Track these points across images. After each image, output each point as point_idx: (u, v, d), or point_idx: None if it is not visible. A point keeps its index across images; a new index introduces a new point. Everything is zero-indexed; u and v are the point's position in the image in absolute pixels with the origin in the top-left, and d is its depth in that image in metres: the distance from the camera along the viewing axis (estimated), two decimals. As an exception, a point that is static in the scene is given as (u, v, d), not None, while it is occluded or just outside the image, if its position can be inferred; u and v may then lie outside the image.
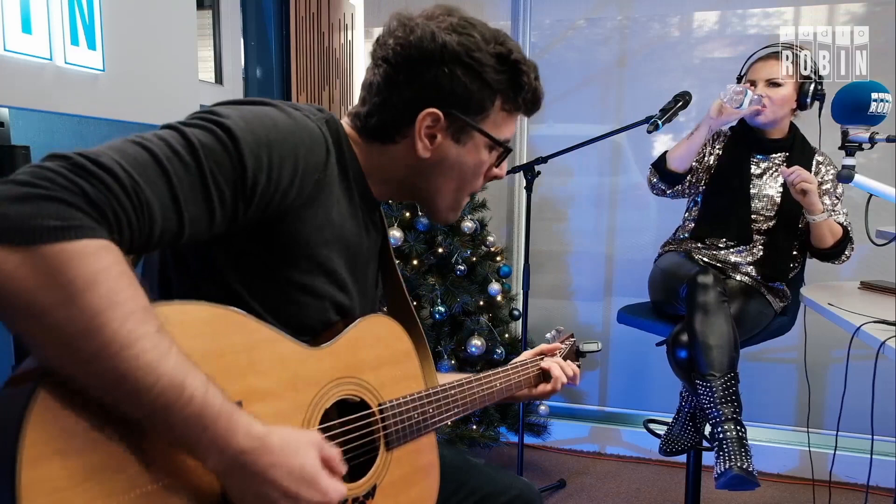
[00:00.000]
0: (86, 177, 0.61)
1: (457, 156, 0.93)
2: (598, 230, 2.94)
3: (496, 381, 1.14)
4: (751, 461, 1.65)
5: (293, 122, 0.81)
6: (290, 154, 0.78)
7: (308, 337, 0.87)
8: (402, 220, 2.43)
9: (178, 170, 0.68)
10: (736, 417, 1.70)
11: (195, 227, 0.71)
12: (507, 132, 0.95)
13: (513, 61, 0.90)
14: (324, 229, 0.85)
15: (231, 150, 0.72)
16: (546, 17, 2.92)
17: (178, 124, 0.73)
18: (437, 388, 1.02)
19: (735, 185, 2.02)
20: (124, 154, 0.65)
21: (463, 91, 0.88)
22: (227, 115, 0.75)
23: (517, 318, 2.59)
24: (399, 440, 0.93)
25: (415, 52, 0.87)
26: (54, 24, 1.50)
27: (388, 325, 0.99)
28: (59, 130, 1.62)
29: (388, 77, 0.89)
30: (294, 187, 0.79)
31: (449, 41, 0.86)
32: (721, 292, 1.78)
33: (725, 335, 1.74)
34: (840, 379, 1.58)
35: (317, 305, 0.88)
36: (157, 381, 0.61)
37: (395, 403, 0.94)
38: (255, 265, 0.82)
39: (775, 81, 1.95)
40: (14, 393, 0.60)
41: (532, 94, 0.94)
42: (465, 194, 0.98)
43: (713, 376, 1.72)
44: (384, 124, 0.91)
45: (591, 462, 2.78)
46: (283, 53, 2.63)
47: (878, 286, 1.80)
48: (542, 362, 1.25)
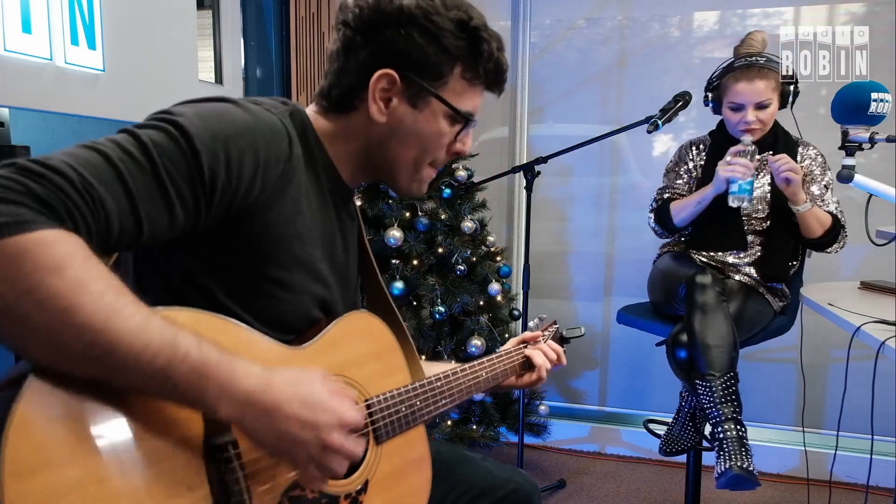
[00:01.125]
0: (33, 177, 0.61)
1: (413, 122, 0.91)
2: (598, 230, 2.94)
3: (481, 371, 1.14)
4: (751, 461, 1.65)
5: (251, 117, 0.80)
6: (248, 147, 0.77)
7: (292, 336, 0.87)
8: (402, 221, 2.43)
9: (132, 169, 0.68)
10: (736, 417, 1.70)
11: (154, 225, 0.70)
12: (468, 103, 0.93)
13: (473, 27, 0.89)
14: (294, 222, 0.85)
15: (185, 147, 0.72)
16: (546, 17, 2.92)
17: (131, 127, 0.72)
18: (424, 380, 1.01)
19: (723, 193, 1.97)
20: (75, 157, 0.65)
21: (419, 54, 0.87)
22: (181, 113, 0.74)
23: (517, 318, 2.59)
24: (388, 434, 0.93)
25: (372, 13, 0.87)
26: (54, 24, 1.50)
27: (369, 320, 0.99)
28: (59, 130, 1.62)
29: (347, 41, 0.89)
30: (258, 181, 0.78)
31: (407, 3, 0.86)
32: (720, 292, 1.78)
33: (724, 335, 1.73)
34: (840, 379, 1.58)
35: (296, 301, 0.87)
36: (149, 343, 0.62)
37: (382, 398, 0.93)
38: (227, 264, 0.81)
39: (763, 104, 1.90)
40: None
41: (494, 64, 0.92)
42: (425, 164, 0.95)
43: (713, 376, 1.71)
44: (343, 92, 0.90)
45: (591, 462, 2.78)
46: (283, 53, 2.63)
47: (878, 286, 1.80)
48: (525, 350, 1.25)
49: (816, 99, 2.59)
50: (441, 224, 2.45)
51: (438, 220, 2.45)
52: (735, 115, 1.94)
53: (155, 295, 0.83)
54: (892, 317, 1.39)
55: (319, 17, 2.72)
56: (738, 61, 1.93)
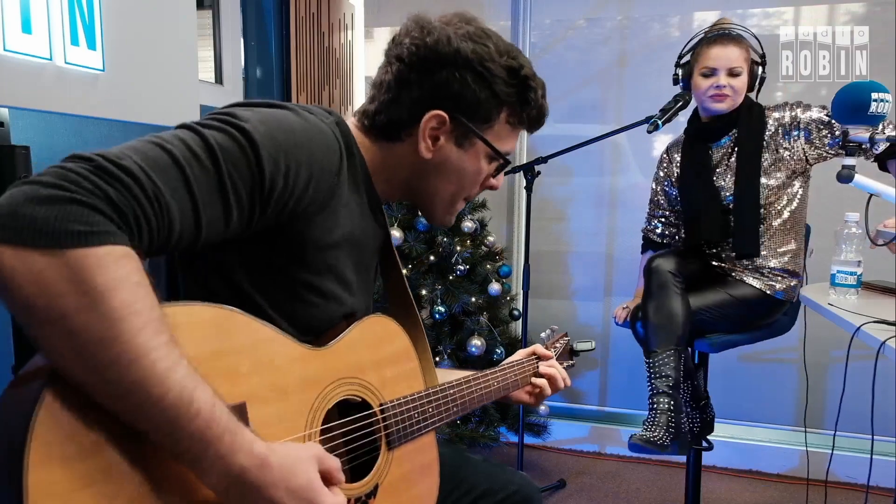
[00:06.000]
0: (109, 180, 0.61)
1: (458, 160, 0.94)
2: (598, 230, 2.94)
3: (493, 381, 1.15)
4: (662, 433, 1.79)
5: (310, 127, 0.81)
6: (306, 159, 0.78)
7: (311, 336, 0.87)
8: (402, 221, 2.43)
9: (197, 173, 0.68)
10: (667, 391, 1.82)
11: (211, 229, 0.71)
12: (508, 145, 0.97)
13: (523, 76, 0.92)
14: (334, 231, 0.86)
15: (249, 154, 0.72)
16: (546, 17, 2.92)
17: (195, 125, 0.73)
18: (437, 387, 1.02)
19: (700, 186, 2.02)
20: (145, 157, 0.65)
21: (471, 97, 0.90)
22: (245, 118, 0.75)
23: (517, 318, 2.59)
24: (400, 439, 0.94)
25: (429, 53, 0.89)
26: (54, 24, 1.50)
27: (388, 325, 1.00)
28: (59, 130, 1.62)
29: (400, 75, 0.90)
30: (309, 192, 0.79)
31: (463, 47, 0.88)
32: (672, 273, 1.86)
33: (671, 314, 1.84)
34: (840, 379, 1.58)
35: (326, 307, 0.88)
36: (166, 394, 0.61)
37: (395, 403, 0.94)
38: (264, 265, 0.82)
39: (735, 70, 1.91)
40: (21, 393, 0.59)
41: (537, 111, 0.97)
42: (461, 199, 1.00)
43: (655, 353, 1.86)
44: (391, 122, 0.92)
45: (591, 462, 2.78)
46: (283, 53, 2.63)
47: (878, 286, 1.80)
48: (540, 367, 1.26)
49: (816, 99, 2.58)
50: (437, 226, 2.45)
51: (438, 220, 2.45)
52: (706, 81, 1.93)
53: (186, 289, 0.84)
54: (892, 317, 1.39)
55: (319, 17, 2.72)
56: (711, 31, 1.98)
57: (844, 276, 1.68)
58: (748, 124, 1.95)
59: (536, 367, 1.26)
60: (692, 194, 2.05)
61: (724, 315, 1.93)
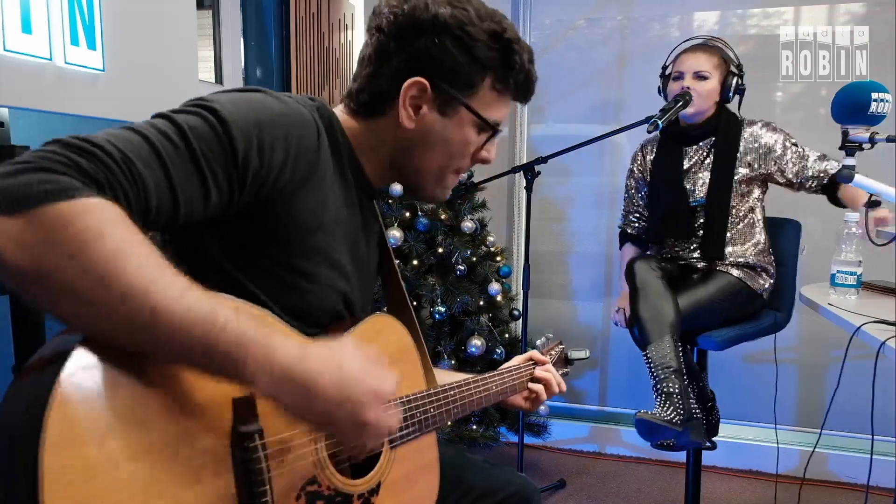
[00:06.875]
0: (77, 152, 0.62)
1: (442, 130, 0.92)
2: (598, 230, 2.94)
3: (492, 384, 1.15)
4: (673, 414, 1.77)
5: (284, 106, 0.81)
6: (281, 135, 0.78)
7: (317, 330, 0.88)
8: (402, 221, 2.43)
9: (170, 151, 0.69)
10: (671, 377, 1.81)
11: (190, 205, 0.71)
12: (496, 113, 0.94)
13: (506, 40, 0.90)
14: (318, 213, 0.85)
15: (220, 132, 0.73)
16: (546, 17, 2.92)
17: (167, 112, 0.74)
18: (438, 388, 1.03)
19: (670, 187, 2.09)
20: (116, 136, 0.67)
21: (451, 63, 0.88)
22: (216, 100, 0.76)
23: (517, 318, 2.59)
24: (402, 438, 0.94)
25: (407, 20, 0.88)
26: (54, 24, 1.51)
27: (391, 323, 1.00)
28: (59, 130, 1.62)
29: (381, 46, 0.90)
30: (287, 168, 0.79)
31: (442, 12, 0.87)
32: (651, 268, 1.91)
33: (657, 304, 1.87)
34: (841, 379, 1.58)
35: (320, 292, 0.88)
36: (188, 312, 0.62)
37: (398, 402, 0.94)
38: (250, 250, 0.82)
39: (702, 74, 2.00)
40: (35, 379, 0.60)
41: (524, 75, 0.93)
42: (450, 171, 0.97)
43: (651, 345, 1.87)
44: (373, 96, 0.91)
45: (591, 462, 2.78)
46: (283, 53, 2.63)
47: (878, 286, 1.80)
48: (536, 371, 1.26)
49: (816, 99, 2.59)
50: (441, 224, 2.45)
51: (438, 219, 2.45)
52: (675, 84, 2.04)
53: None
54: (892, 317, 1.39)
55: (319, 17, 2.72)
56: (687, 42, 2.10)
57: (844, 276, 1.68)
58: (726, 135, 2.04)
59: (533, 372, 1.26)
60: (662, 193, 2.14)
61: (706, 309, 1.96)
